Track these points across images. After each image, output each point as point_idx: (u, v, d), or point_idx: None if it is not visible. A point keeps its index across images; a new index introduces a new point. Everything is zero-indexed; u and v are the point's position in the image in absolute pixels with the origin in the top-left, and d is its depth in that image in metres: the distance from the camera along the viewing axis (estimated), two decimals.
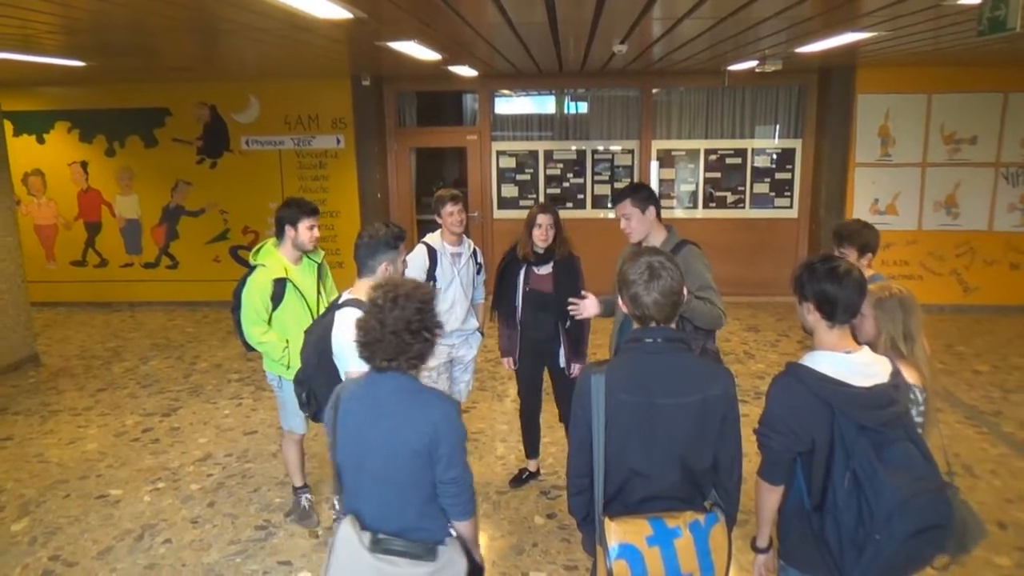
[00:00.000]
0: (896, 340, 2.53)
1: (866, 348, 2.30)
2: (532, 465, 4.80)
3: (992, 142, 8.49)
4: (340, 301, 3.15)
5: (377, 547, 2.24)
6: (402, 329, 2.21)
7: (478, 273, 4.67)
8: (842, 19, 4.89)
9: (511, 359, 4.48)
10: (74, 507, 4.58)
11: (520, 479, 4.77)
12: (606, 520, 2.17)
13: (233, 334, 8.26)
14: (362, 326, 2.26)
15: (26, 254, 8.02)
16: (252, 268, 3.99)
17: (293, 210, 3.99)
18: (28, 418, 6.04)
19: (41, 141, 9.43)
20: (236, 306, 4.03)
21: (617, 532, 2.14)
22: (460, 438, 2.30)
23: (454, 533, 2.37)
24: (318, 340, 3.22)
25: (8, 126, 8.64)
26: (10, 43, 5.44)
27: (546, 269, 4.28)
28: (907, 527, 2.05)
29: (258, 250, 4.07)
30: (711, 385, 2.18)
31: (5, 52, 5.85)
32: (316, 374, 3.27)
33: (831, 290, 2.20)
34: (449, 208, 4.39)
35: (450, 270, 4.40)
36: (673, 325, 2.25)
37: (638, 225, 3.64)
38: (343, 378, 3.13)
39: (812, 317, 2.28)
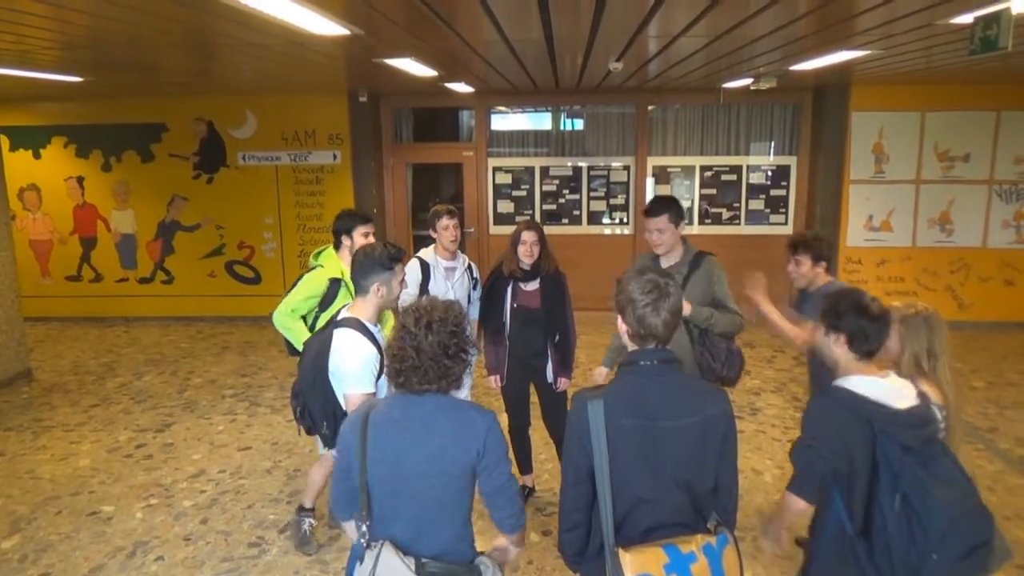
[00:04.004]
0: (920, 358, 2.59)
1: (893, 373, 2.36)
2: (528, 480, 4.78)
3: (985, 159, 8.55)
4: (339, 319, 3.12)
5: (423, 571, 2.17)
6: (440, 355, 2.18)
7: (474, 288, 4.67)
8: (836, 38, 4.93)
9: (499, 376, 4.48)
10: (66, 524, 4.53)
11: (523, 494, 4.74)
12: (620, 552, 2.06)
13: (228, 349, 8.28)
14: (397, 353, 2.21)
15: (21, 269, 8.01)
16: (310, 269, 4.20)
17: (347, 220, 4.17)
18: (20, 434, 6.00)
19: (37, 156, 9.43)
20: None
21: (634, 563, 2.03)
22: (504, 447, 2.29)
23: (482, 554, 2.35)
24: (316, 356, 3.18)
25: (4, 141, 8.67)
26: (7, 59, 5.45)
27: (533, 285, 4.31)
28: (962, 544, 2.09)
29: (319, 253, 4.26)
30: (710, 405, 2.16)
31: (2, 68, 5.86)
32: (311, 391, 3.24)
33: (865, 326, 2.30)
34: (444, 222, 4.42)
35: (444, 284, 4.42)
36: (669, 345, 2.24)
37: (670, 239, 3.74)
38: (340, 399, 3.10)
39: (841, 350, 2.36)
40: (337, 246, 4.20)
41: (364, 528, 2.27)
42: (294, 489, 4.95)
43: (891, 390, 2.28)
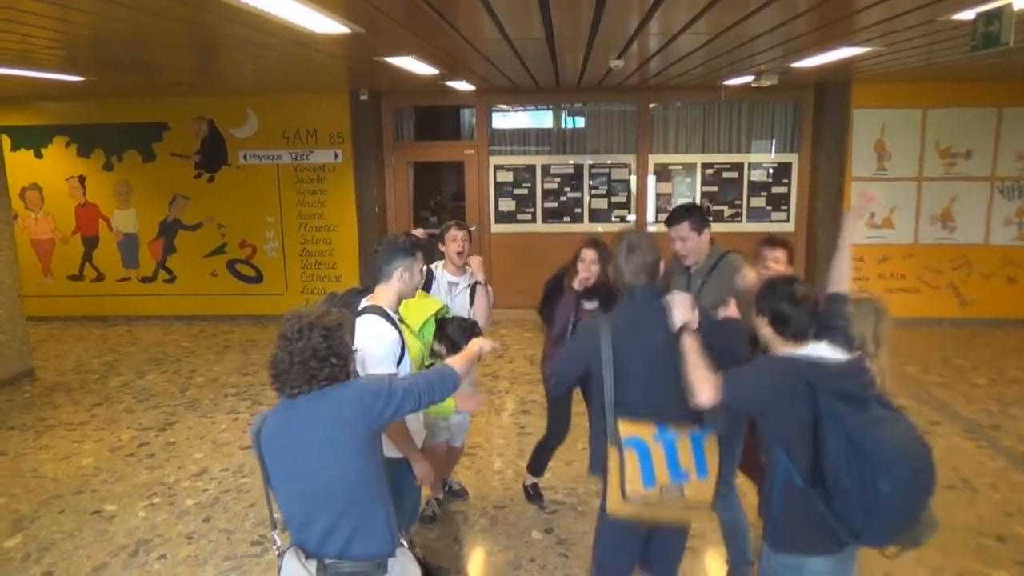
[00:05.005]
0: (866, 339, 2.69)
1: (822, 343, 2.50)
2: (528, 480, 4.76)
3: (987, 156, 8.54)
4: (360, 308, 3.19)
5: (325, 572, 2.28)
6: (309, 357, 2.28)
7: (471, 303, 4.39)
8: (836, 35, 4.93)
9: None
10: (68, 523, 4.54)
11: (535, 495, 4.72)
12: (619, 421, 2.69)
13: (230, 348, 8.29)
14: (273, 359, 2.34)
15: (23, 268, 8.01)
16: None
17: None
18: (23, 433, 6.01)
19: (39, 156, 9.44)
20: None
21: (627, 429, 2.66)
22: (382, 388, 2.37)
23: (405, 544, 2.45)
24: None
25: (6, 141, 8.68)
26: (9, 58, 5.46)
27: (593, 304, 4.10)
28: (908, 468, 2.22)
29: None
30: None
31: (4, 67, 5.87)
32: None
33: (786, 310, 2.48)
34: (453, 232, 4.27)
35: (445, 297, 4.28)
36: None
37: (694, 247, 3.63)
38: None
39: (766, 331, 2.55)
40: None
41: (275, 536, 2.44)
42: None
43: (823, 350, 2.44)
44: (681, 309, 2.68)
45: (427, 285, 4.32)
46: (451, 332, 3.63)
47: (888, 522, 2.27)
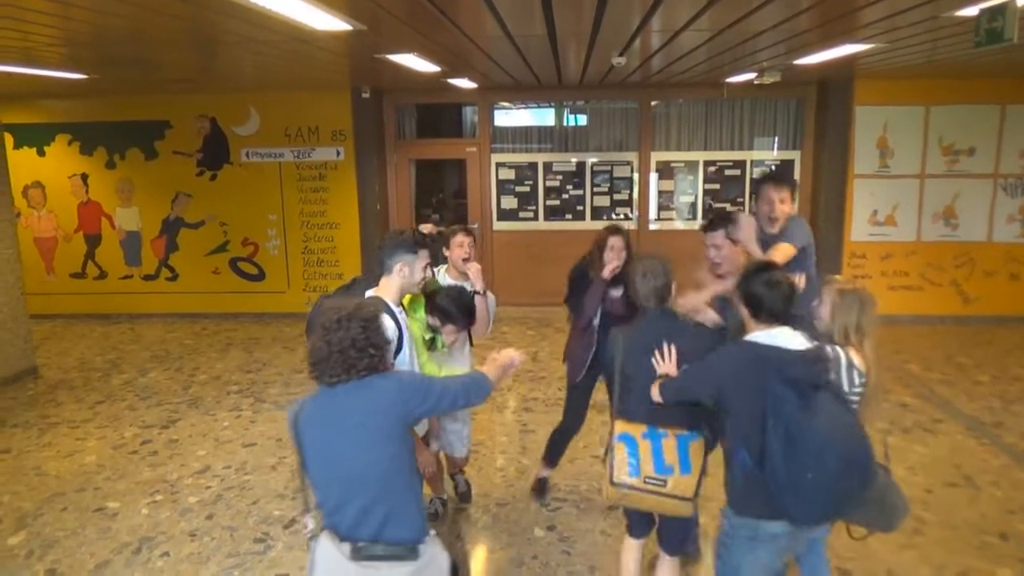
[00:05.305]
0: (849, 329, 2.82)
1: (787, 328, 2.67)
2: (545, 473, 4.72)
3: (990, 154, 8.51)
4: (364, 300, 3.20)
5: (358, 555, 2.32)
6: (348, 347, 2.36)
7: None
8: (839, 31, 4.92)
9: (579, 372, 4.29)
10: (71, 520, 4.55)
11: (540, 489, 4.71)
12: (616, 420, 3.09)
13: (233, 346, 8.30)
14: (312, 349, 2.42)
15: (25, 266, 8.02)
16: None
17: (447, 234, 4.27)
18: (26, 430, 6.02)
19: (41, 153, 9.44)
20: None
21: (621, 427, 3.04)
22: (423, 384, 2.53)
23: (432, 532, 2.49)
24: None
25: (8, 139, 8.67)
26: (12, 56, 5.46)
27: (618, 291, 4.08)
28: (834, 459, 2.40)
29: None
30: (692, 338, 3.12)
31: (6, 65, 5.87)
32: None
33: (761, 293, 2.65)
34: (459, 238, 4.18)
35: None
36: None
37: (728, 255, 3.62)
38: None
39: (744, 312, 2.75)
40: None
41: (308, 519, 2.50)
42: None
43: (783, 338, 2.61)
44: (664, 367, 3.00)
45: None
46: (441, 302, 3.69)
47: (814, 507, 2.48)
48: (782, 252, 3.68)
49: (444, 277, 4.28)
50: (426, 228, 4.47)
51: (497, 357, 2.92)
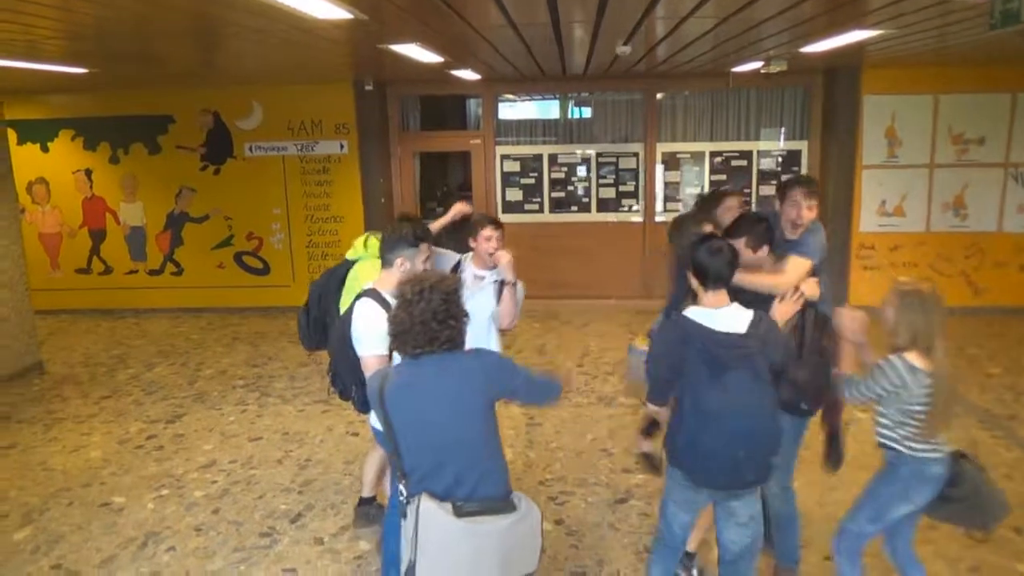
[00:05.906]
0: (913, 332, 2.83)
1: (735, 305, 2.87)
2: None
3: (1001, 143, 8.41)
4: (361, 291, 3.24)
5: (460, 511, 2.39)
6: (429, 319, 2.42)
7: (497, 302, 4.11)
8: (846, 18, 4.84)
9: None
10: (77, 515, 4.54)
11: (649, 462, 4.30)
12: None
13: (238, 340, 8.29)
14: (393, 319, 2.49)
15: (30, 262, 8.02)
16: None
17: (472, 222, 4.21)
18: (32, 426, 6.02)
19: (45, 149, 9.44)
20: None
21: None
22: (509, 366, 2.68)
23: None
24: (343, 325, 3.34)
25: (12, 135, 8.66)
26: (14, 49, 5.44)
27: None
28: (721, 431, 2.75)
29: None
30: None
31: (8, 60, 5.85)
32: (341, 357, 3.43)
33: (705, 261, 2.84)
34: (488, 232, 4.05)
35: (469, 290, 4.10)
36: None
37: (748, 262, 3.32)
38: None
39: (695, 282, 2.92)
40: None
41: (401, 487, 2.54)
42: (305, 479, 4.95)
43: (720, 317, 2.82)
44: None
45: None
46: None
47: (705, 470, 2.86)
48: (796, 270, 3.50)
49: (469, 266, 4.16)
50: (432, 227, 4.28)
51: (565, 374, 3.15)
